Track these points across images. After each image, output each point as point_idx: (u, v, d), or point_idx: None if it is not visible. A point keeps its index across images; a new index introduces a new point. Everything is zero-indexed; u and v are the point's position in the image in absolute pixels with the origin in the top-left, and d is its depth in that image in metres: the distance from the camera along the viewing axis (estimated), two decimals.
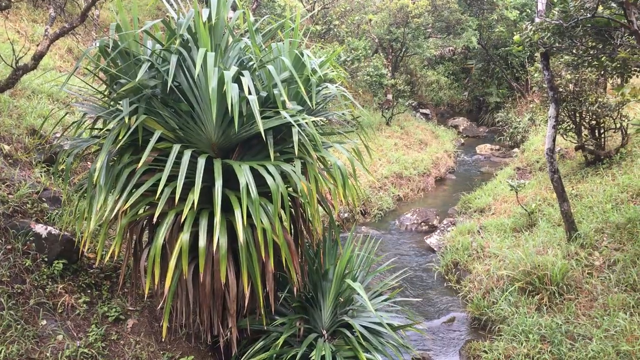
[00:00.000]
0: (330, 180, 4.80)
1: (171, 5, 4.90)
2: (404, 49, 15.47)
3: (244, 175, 3.96)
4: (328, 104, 5.22)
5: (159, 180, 4.02)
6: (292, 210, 4.88)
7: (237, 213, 3.91)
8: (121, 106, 4.84)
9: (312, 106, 4.58)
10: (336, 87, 4.91)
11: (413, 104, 16.63)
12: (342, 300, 4.97)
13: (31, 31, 11.52)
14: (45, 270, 5.14)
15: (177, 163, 4.07)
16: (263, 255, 4.09)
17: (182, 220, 3.85)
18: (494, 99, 20.01)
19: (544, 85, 9.09)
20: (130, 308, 5.41)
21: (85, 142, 4.57)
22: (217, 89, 3.98)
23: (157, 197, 3.78)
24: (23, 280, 4.97)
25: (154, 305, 5.56)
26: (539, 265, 5.82)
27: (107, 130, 5.17)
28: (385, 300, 5.20)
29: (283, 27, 5.13)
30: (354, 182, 4.97)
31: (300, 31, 5.04)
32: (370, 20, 15.54)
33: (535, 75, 9.75)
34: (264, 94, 4.52)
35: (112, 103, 4.75)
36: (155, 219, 3.89)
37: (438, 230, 9.02)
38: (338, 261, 4.85)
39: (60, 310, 4.99)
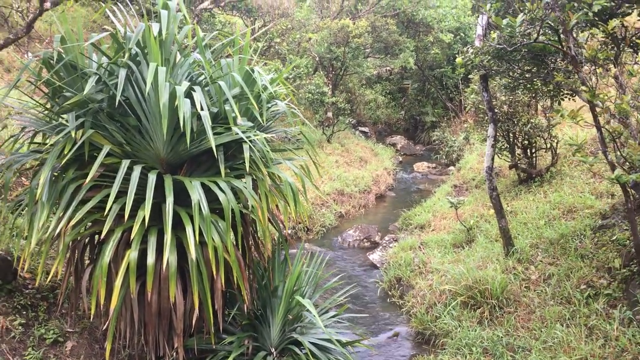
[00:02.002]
0: (280, 196, 4.81)
1: (118, 19, 4.81)
2: (343, 68, 15.73)
3: (196, 192, 3.91)
4: (276, 121, 5.24)
5: (106, 196, 3.92)
6: (242, 227, 4.84)
7: (189, 230, 3.85)
8: (64, 120, 4.70)
9: (263, 122, 4.58)
10: (285, 103, 4.94)
11: (352, 122, 16.89)
12: (290, 317, 4.96)
13: None
14: None
15: (125, 179, 3.97)
16: (214, 272, 4.04)
17: (131, 237, 3.75)
18: (430, 118, 20.64)
19: (480, 106, 9.47)
20: (68, 330, 5.19)
21: (26, 157, 4.38)
22: (168, 104, 3.93)
23: (105, 213, 3.67)
24: None
25: (93, 326, 5.36)
26: (479, 280, 6.02)
27: (48, 144, 4.99)
28: (333, 316, 5.22)
29: (232, 44, 5.13)
30: (304, 198, 5.00)
31: (250, 49, 5.06)
32: (310, 38, 15.74)
33: (472, 96, 10.15)
34: (214, 109, 4.50)
35: (54, 117, 4.59)
36: (102, 236, 3.76)
37: (380, 247, 9.16)
38: (287, 278, 4.84)
39: None
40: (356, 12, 16.04)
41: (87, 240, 4.80)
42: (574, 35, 4.03)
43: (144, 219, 3.77)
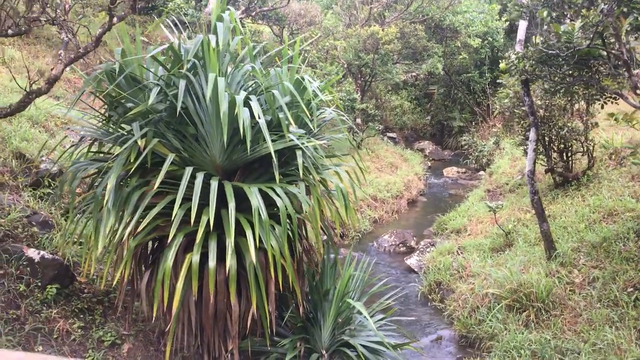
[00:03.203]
0: (330, 202, 4.93)
1: (172, 32, 5.02)
2: (372, 74, 15.83)
3: (255, 198, 4.03)
4: (324, 127, 5.37)
5: (169, 202, 4.08)
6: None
7: (249, 236, 3.98)
8: (122, 130, 4.89)
9: (314, 129, 4.71)
10: (333, 110, 5.07)
11: (381, 128, 16.98)
12: (340, 320, 5.06)
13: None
14: (39, 295, 5.05)
15: (186, 185, 4.12)
16: (273, 276, 4.16)
17: (196, 241, 3.89)
18: (457, 123, 20.60)
19: (516, 110, 9.49)
20: (124, 332, 5.35)
21: (89, 165, 4.56)
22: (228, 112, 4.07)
23: (172, 218, 3.81)
24: (17, 306, 4.88)
25: (147, 328, 5.52)
26: (523, 283, 6.05)
27: (105, 153, 5.18)
28: (381, 319, 5.30)
29: (280, 53, 5.28)
30: (353, 204, 5.10)
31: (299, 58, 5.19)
32: (337, 46, 15.88)
33: (505, 100, 10.15)
34: (267, 117, 4.63)
35: (114, 127, 4.78)
36: (169, 241, 3.91)
37: (417, 251, 9.21)
38: (338, 281, 4.94)
39: (55, 336, 4.91)
40: (384, 19, 16.13)
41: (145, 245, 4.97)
42: (624, 39, 4.08)
43: (209, 222, 3.91)
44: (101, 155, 5.19)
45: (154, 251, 4.99)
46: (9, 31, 3.40)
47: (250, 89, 4.81)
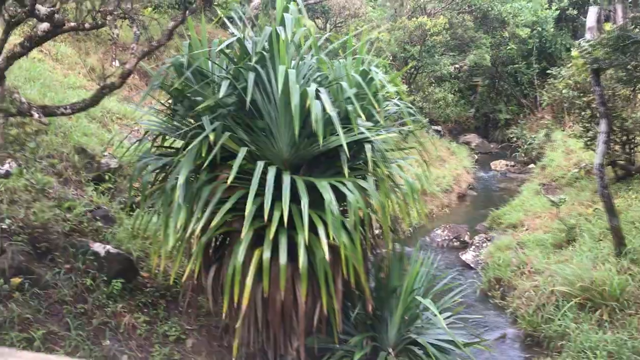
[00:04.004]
0: (398, 196, 4.82)
1: (235, 25, 4.98)
2: (418, 67, 15.58)
3: (328, 192, 3.94)
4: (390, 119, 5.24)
5: (240, 197, 4.03)
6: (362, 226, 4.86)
7: (321, 231, 3.89)
8: (186, 124, 4.86)
9: (382, 122, 4.59)
10: (399, 102, 4.94)
11: (426, 121, 16.72)
12: (407, 317, 4.94)
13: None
14: (104, 289, 5.08)
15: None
16: (345, 273, 4.06)
17: (271, 237, 3.82)
18: (504, 116, 20.14)
19: (575, 101, 9.16)
20: (188, 327, 5.35)
21: (157, 160, 4.55)
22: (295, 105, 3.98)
23: (245, 213, 3.75)
24: (85, 300, 4.91)
25: (210, 324, 5.50)
26: (595, 281, 5.81)
27: (168, 147, 5.17)
28: (448, 317, 5.16)
29: (344, 44, 5.17)
30: (421, 197, 4.97)
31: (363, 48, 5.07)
32: (381, 39, 15.66)
33: (565, 91, 9.80)
34: (335, 110, 4.52)
35: (180, 121, 4.77)
36: (242, 236, 3.85)
37: (472, 247, 9.00)
38: (406, 277, 4.82)
39: (122, 330, 4.93)
40: (424, 10, 15.82)
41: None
42: None
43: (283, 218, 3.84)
44: (164, 149, 5.20)
45: (218, 246, 4.95)
46: (86, 25, 3.38)
47: (316, 80, 4.71)
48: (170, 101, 4.96)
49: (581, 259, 6.57)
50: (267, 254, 3.98)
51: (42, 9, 2.83)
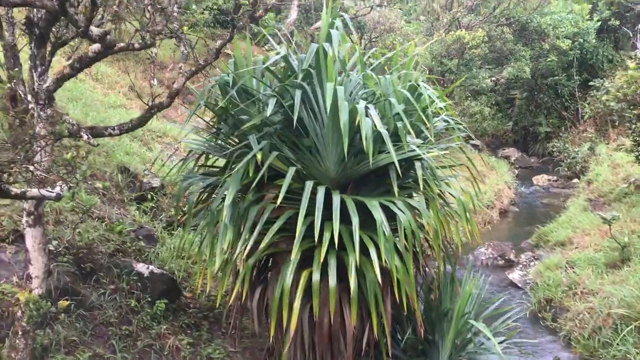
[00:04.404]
0: (450, 215, 4.66)
1: (278, 43, 4.93)
2: (454, 80, 15.36)
3: (379, 212, 3.81)
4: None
5: (288, 217, 3.93)
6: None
7: (373, 253, 3.75)
8: (230, 143, 4.80)
9: (432, 138, 4.45)
10: (450, 118, 4.80)
11: (464, 135, 16.45)
12: (458, 342, 4.74)
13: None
14: (149, 310, 5.03)
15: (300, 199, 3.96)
16: (397, 296, 3.91)
17: (321, 259, 3.69)
18: (544, 129, 19.65)
19: (625, 114, 8.84)
20: (231, 349, 5.25)
21: (202, 180, 4.49)
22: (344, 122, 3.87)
23: (297, 234, 3.64)
24: (129, 322, 4.87)
25: (254, 346, 5.39)
26: None
27: (210, 166, 5.11)
28: (502, 342, 4.93)
29: (390, 60, 5.05)
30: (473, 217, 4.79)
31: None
32: (417, 53, 15.51)
33: (612, 104, 9.47)
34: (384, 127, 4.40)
35: (224, 140, 4.72)
36: (293, 257, 3.74)
37: (519, 265, 8.71)
38: (457, 300, 4.63)
39: (166, 352, 4.86)
40: (459, 23, 15.61)
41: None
42: None
43: (333, 239, 3.72)
44: (207, 168, 5.14)
45: (262, 267, 4.85)
46: (136, 45, 3.35)
47: (363, 97, 4.60)
48: (214, 120, 4.92)
49: (638, 280, 6.25)
50: (316, 276, 3.86)
51: (95, 30, 2.80)
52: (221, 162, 5.05)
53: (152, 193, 6.54)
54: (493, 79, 22.45)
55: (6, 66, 4.02)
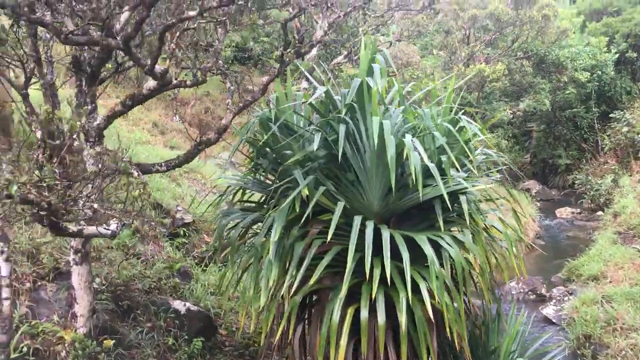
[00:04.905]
0: (494, 249, 4.57)
1: (315, 78, 4.98)
2: (474, 114, 15.37)
3: (428, 247, 3.74)
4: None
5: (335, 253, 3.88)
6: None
7: (423, 290, 3.67)
8: (269, 178, 4.79)
9: (475, 172, 4.40)
10: (490, 151, 4.76)
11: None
12: None
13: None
14: (186, 349, 4.95)
15: (346, 234, 3.91)
16: (448, 334, 3.80)
17: (373, 296, 3.62)
18: (564, 161, 19.51)
19: None
20: None
21: (246, 215, 4.45)
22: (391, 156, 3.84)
23: (347, 270, 3.58)
24: None
25: None
26: None
27: (248, 201, 5.07)
28: None
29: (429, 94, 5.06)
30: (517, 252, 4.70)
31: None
32: (437, 87, 15.55)
33: (635, 136, 9.37)
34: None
35: (263, 175, 4.72)
36: (342, 294, 3.67)
37: (553, 300, 8.52)
38: (505, 337, 4.51)
39: None
40: (487, 56, 15.71)
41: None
42: None
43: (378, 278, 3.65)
44: (243, 204, 5.11)
45: (304, 304, 4.77)
46: (187, 82, 3.37)
47: (405, 130, 4.58)
48: (251, 155, 4.91)
49: None
50: (364, 314, 3.77)
51: (157, 68, 2.82)
52: (255, 197, 5.04)
53: (184, 229, 6.52)
54: (511, 111, 22.46)
55: (46, 104, 4.06)
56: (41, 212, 2.44)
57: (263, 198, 4.93)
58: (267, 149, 4.67)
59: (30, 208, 2.47)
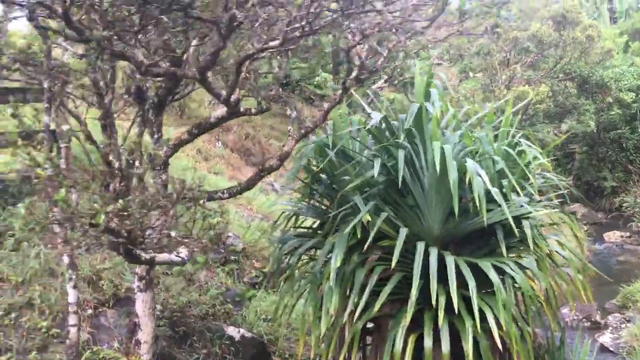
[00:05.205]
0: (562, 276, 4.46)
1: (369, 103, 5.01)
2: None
3: (494, 274, 3.66)
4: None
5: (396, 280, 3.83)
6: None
7: (490, 318, 3.58)
8: (324, 204, 4.79)
9: (537, 196, 4.31)
10: (554, 175, 4.67)
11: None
12: None
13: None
14: None
15: (407, 261, 3.86)
16: None
17: (440, 325, 3.54)
18: (610, 184, 19.00)
19: None
20: None
21: (305, 241, 4.44)
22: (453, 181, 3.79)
23: (412, 298, 3.53)
24: None
25: None
26: None
27: (297, 227, 5.05)
28: None
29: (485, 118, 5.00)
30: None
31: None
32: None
33: None
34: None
35: (319, 201, 4.72)
36: (405, 323, 3.61)
37: (609, 328, 8.22)
38: None
39: None
40: (529, 78, 15.51)
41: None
42: None
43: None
44: (296, 230, 5.10)
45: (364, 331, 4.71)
46: (252, 110, 3.41)
47: (463, 154, 4.53)
48: (306, 180, 4.92)
49: None
50: (428, 343, 3.69)
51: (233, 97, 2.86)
52: (305, 223, 5.02)
53: (235, 255, 6.54)
54: (552, 133, 22.05)
55: (105, 133, 4.15)
56: (119, 240, 2.47)
57: (317, 224, 4.92)
58: (322, 175, 4.68)
59: (107, 236, 2.50)
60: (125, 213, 2.28)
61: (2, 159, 6.69)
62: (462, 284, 3.80)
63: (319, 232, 4.86)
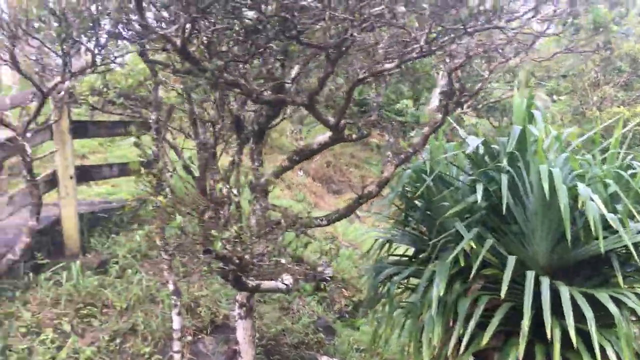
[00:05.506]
0: None
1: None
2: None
3: (613, 306, 3.40)
4: None
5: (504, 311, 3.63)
6: None
7: (611, 355, 3.31)
8: (419, 231, 4.67)
9: None
10: None
11: None
12: None
13: None
14: None
15: (516, 290, 3.66)
16: None
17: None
18: None
19: None
20: None
21: (402, 269, 4.33)
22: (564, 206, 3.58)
23: (524, 331, 3.33)
24: None
25: None
26: None
27: (396, 255, 4.94)
28: None
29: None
30: None
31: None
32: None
33: None
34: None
35: (410, 227, 4.62)
36: (520, 356, 3.40)
37: None
38: None
39: None
40: (622, 99, 14.76)
41: None
42: None
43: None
44: (388, 257, 4.99)
45: None
46: (353, 136, 3.38)
47: (571, 178, 4.29)
48: (401, 207, 4.82)
49: None
50: None
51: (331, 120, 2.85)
52: (398, 250, 4.91)
53: (323, 283, 6.49)
54: None
55: (200, 162, 4.24)
56: (230, 267, 2.47)
57: (412, 251, 4.80)
58: (418, 201, 4.57)
59: (218, 263, 2.51)
60: (237, 240, 2.29)
61: (104, 189, 7.03)
62: (575, 316, 3.56)
63: (413, 260, 4.75)
